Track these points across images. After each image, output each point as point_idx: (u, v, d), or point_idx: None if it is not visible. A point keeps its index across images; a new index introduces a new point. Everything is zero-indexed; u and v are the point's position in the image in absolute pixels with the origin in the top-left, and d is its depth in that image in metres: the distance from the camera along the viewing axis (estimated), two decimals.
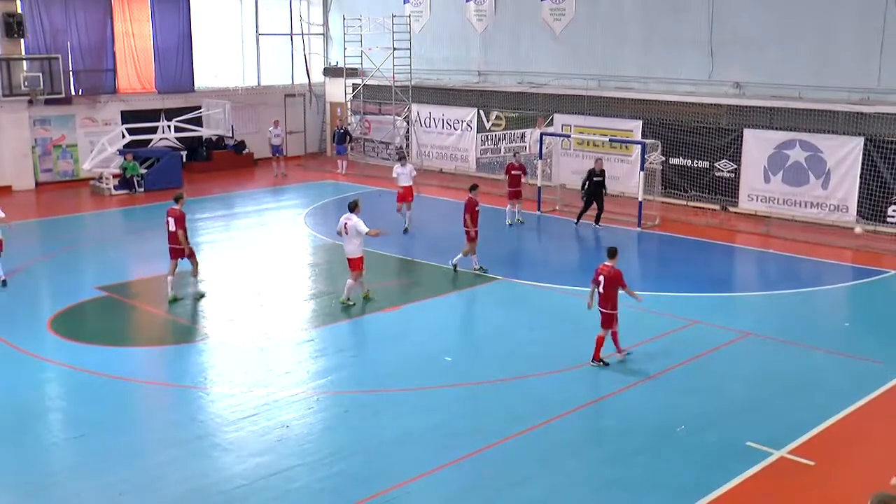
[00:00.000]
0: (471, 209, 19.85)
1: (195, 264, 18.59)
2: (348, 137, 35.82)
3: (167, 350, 16.21)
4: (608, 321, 14.68)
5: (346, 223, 17.73)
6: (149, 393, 14.14)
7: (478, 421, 12.74)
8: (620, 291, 14.66)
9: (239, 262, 21.88)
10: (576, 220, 25.20)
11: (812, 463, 11.57)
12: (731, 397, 13.74)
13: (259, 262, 21.82)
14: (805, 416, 12.90)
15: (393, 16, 34.13)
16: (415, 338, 16.29)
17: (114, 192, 29.88)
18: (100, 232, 25.91)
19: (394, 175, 24.83)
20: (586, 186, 24.65)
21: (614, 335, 14.80)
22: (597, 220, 24.81)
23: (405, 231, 24.06)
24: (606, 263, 14.77)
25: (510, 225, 25.30)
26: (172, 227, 18.05)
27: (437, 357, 15.26)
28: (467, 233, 19.95)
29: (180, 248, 18.17)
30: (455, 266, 20.24)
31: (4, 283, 18.59)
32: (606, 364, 14.73)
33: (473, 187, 20.47)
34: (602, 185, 24.71)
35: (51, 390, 14.16)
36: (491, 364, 15.04)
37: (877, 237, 23.81)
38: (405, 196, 24.40)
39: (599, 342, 14.75)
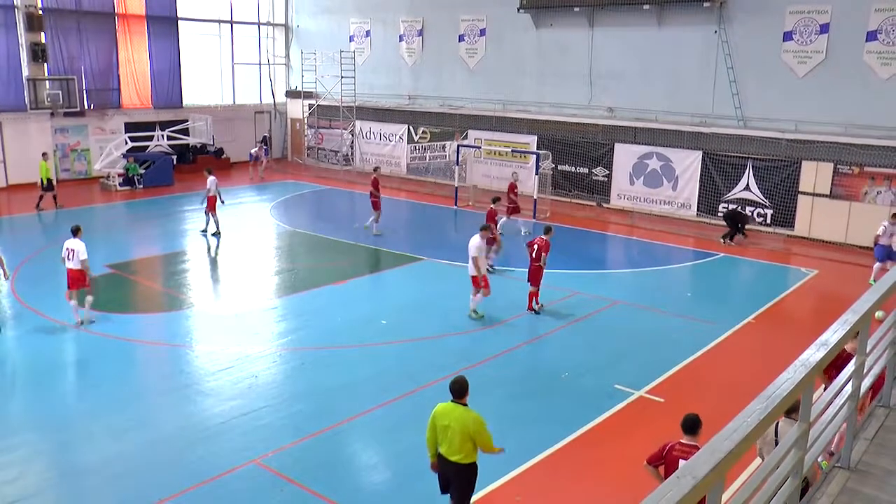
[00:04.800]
0: (491, 218, 18.64)
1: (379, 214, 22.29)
2: (270, 141, 36.87)
3: (161, 316, 15.84)
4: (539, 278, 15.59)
5: None
6: (146, 350, 13.81)
7: (407, 370, 12.75)
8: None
9: (218, 245, 21.47)
10: (723, 240, 22.31)
11: (662, 400, 11.84)
12: (603, 350, 13.97)
13: (234, 245, 21.45)
14: (658, 364, 13.19)
15: (341, 51, 33.91)
16: (358, 305, 16.21)
17: (119, 188, 29.14)
18: (108, 220, 25.12)
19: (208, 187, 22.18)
20: (727, 215, 22.44)
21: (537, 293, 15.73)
22: (730, 237, 22.26)
23: (204, 232, 22.13)
24: (543, 237, 15.60)
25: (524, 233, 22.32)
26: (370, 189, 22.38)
27: (376, 320, 15.21)
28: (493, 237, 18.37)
29: (379, 202, 22.14)
30: (492, 266, 18.28)
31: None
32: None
33: (496, 199, 19.35)
34: (736, 215, 22.48)
35: (69, 348, 13.81)
36: (418, 325, 15.04)
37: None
38: (211, 204, 22.02)
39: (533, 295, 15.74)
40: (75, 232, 14.83)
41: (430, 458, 7.94)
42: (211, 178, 21.90)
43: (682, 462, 6.82)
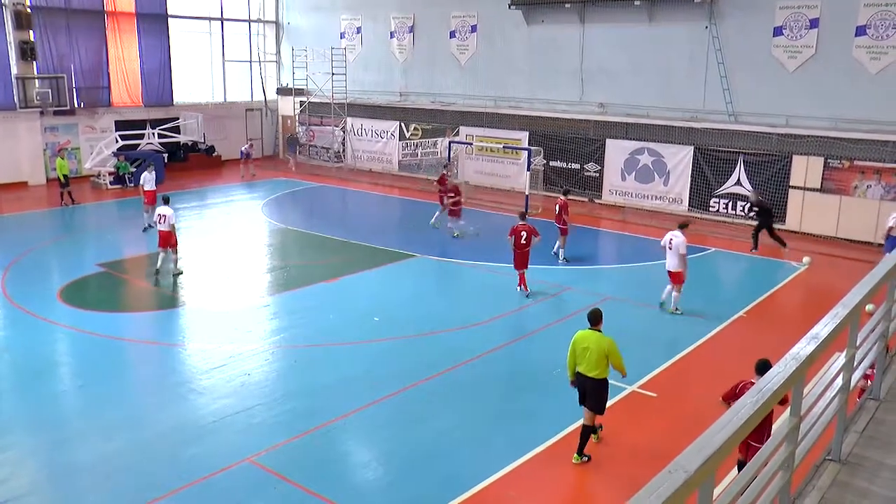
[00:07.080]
0: (566, 209, 19.11)
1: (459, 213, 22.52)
2: (297, 142, 36.29)
3: (153, 315, 15.79)
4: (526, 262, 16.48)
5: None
6: (138, 349, 13.76)
7: (399, 367, 12.73)
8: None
9: (210, 242, 21.40)
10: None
11: (655, 395, 11.87)
12: None
13: (226, 243, 21.39)
14: (650, 359, 13.21)
15: (332, 48, 33.85)
16: (350, 303, 16.18)
17: (109, 186, 29.04)
18: (99, 219, 25.03)
19: (141, 182, 22.43)
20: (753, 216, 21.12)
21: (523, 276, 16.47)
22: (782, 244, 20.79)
23: (145, 229, 21.84)
24: (522, 223, 16.33)
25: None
26: (442, 189, 22.88)
27: (367, 318, 15.18)
28: (562, 229, 19.24)
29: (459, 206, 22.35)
30: (563, 258, 19.34)
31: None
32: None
33: (567, 192, 19.99)
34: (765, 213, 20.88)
35: (60, 348, 13.76)
36: (410, 323, 15.03)
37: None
38: (149, 199, 22.00)
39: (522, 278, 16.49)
40: (166, 200, 18.09)
41: (570, 376, 10.03)
42: (146, 174, 22.45)
43: None
